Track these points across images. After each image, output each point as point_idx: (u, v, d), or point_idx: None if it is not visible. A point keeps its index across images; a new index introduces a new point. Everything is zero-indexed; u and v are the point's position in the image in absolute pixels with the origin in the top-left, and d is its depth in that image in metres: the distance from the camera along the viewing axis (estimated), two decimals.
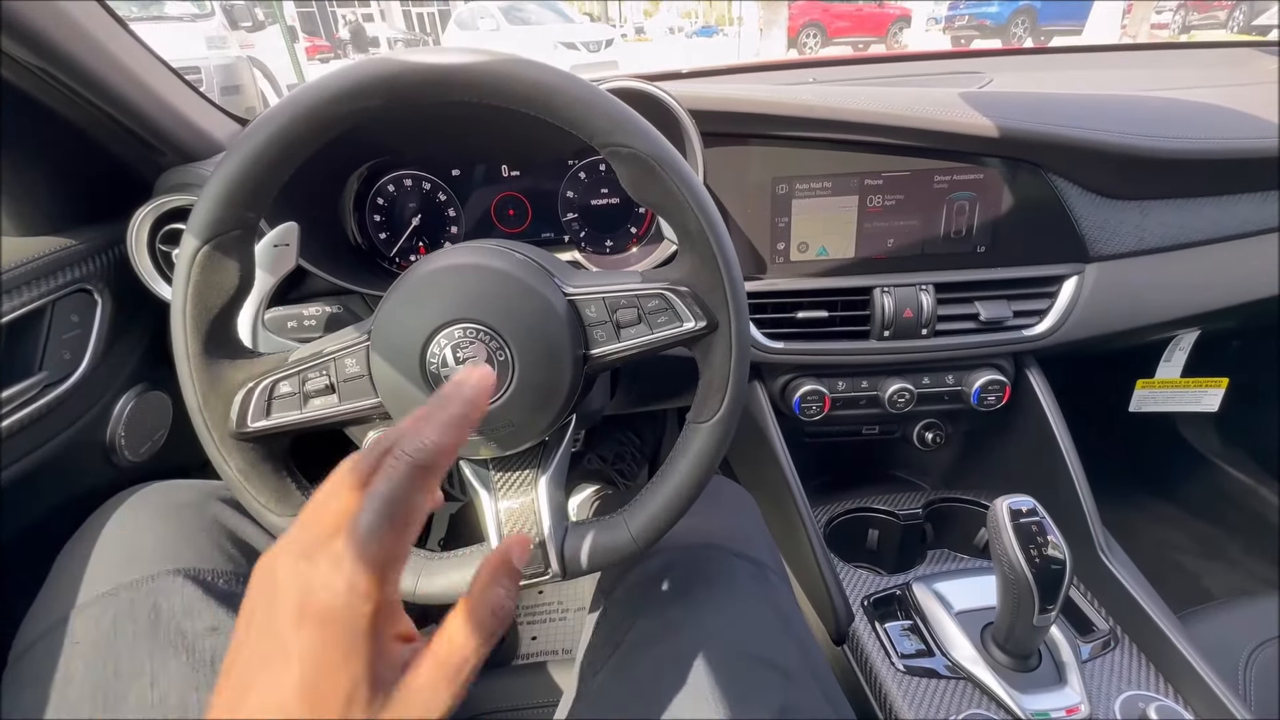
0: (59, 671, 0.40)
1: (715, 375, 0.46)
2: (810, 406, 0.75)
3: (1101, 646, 0.62)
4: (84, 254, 0.59)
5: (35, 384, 0.54)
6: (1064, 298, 0.73)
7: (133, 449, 0.65)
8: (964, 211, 0.71)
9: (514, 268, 0.45)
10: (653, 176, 0.42)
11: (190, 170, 0.63)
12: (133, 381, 0.66)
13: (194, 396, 0.43)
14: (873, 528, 0.80)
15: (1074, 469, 0.71)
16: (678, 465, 0.47)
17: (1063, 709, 0.54)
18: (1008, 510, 0.54)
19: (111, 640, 0.40)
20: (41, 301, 0.54)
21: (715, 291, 0.44)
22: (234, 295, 0.43)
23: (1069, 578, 0.52)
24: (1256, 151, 0.71)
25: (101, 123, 0.58)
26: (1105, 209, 0.72)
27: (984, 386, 0.74)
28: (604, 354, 0.46)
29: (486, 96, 0.40)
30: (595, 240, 0.77)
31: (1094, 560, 0.67)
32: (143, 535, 0.46)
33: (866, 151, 0.69)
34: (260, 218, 0.43)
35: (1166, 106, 0.78)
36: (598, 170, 0.74)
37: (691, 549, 0.54)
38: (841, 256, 0.72)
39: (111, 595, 0.42)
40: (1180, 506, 1.21)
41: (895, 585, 0.69)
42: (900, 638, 0.62)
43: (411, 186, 0.74)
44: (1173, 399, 0.96)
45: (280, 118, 0.40)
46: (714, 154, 0.68)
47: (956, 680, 0.58)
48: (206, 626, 0.42)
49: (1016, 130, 0.67)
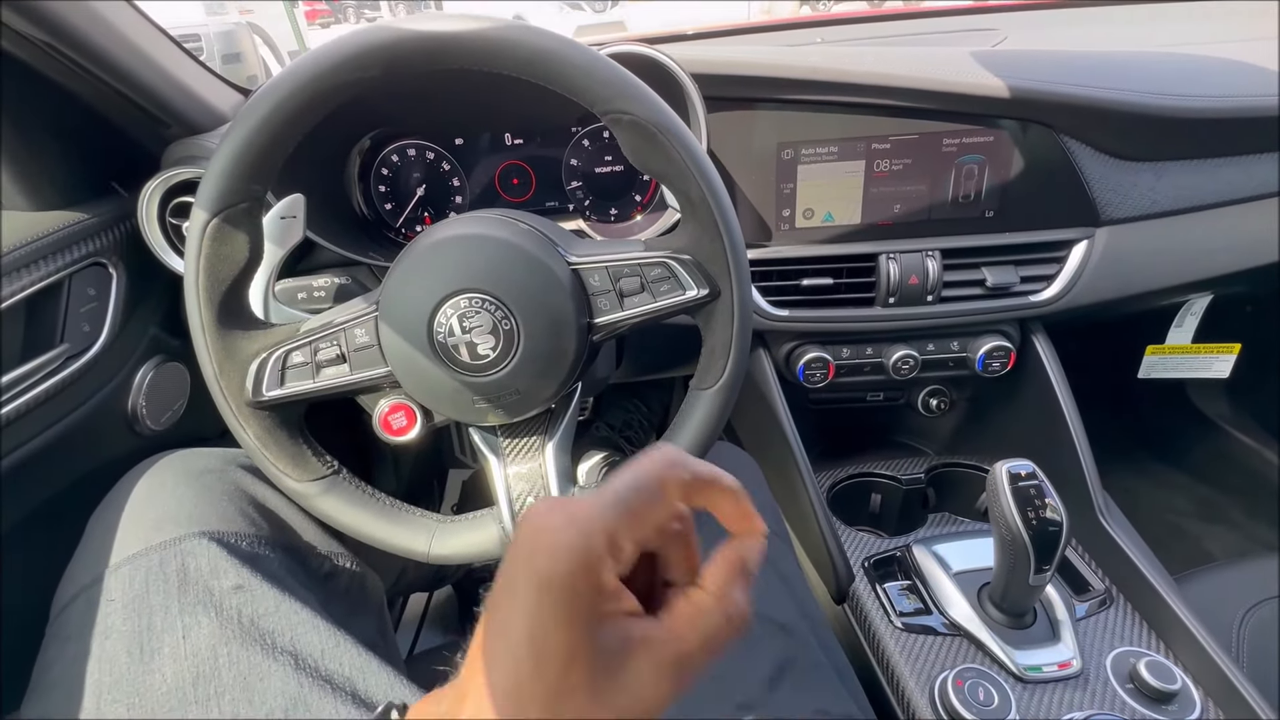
0: (97, 625, 0.42)
1: (718, 342, 0.46)
2: (814, 374, 0.75)
3: (1097, 605, 0.63)
4: (97, 228, 0.60)
5: (58, 356, 0.56)
6: (1072, 263, 0.72)
7: (154, 418, 0.67)
8: (972, 175, 0.70)
9: (518, 237, 0.45)
10: (654, 144, 0.42)
11: (196, 143, 0.64)
12: (151, 353, 0.67)
13: (210, 366, 0.45)
14: (875, 492, 0.82)
15: (1076, 434, 0.71)
16: (682, 431, 0.48)
17: (1055, 664, 0.56)
18: (1007, 474, 0.55)
19: (145, 597, 0.43)
20: (59, 275, 0.56)
21: (717, 259, 0.44)
22: (245, 267, 0.44)
23: (1065, 539, 0.53)
24: (1277, 109, 0.69)
25: (106, 96, 0.58)
26: (1118, 171, 0.70)
27: (989, 353, 0.74)
28: (608, 322, 0.47)
29: (485, 64, 0.40)
30: (600, 209, 0.77)
31: (1093, 523, 0.68)
32: (168, 500, 0.48)
33: (874, 114, 0.68)
34: (267, 190, 0.44)
35: (1185, 64, 0.76)
36: (601, 137, 0.73)
37: (695, 512, 0.55)
38: (847, 222, 0.72)
39: (142, 556, 0.44)
40: (1185, 471, 1.21)
41: (895, 547, 0.71)
42: (899, 597, 0.64)
43: (415, 156, 0.74)
44: (1183, 365, 0.95)
45: (281, 90, 0.40)
46: (718, 119, 0.67)
47: (953, 637, 0.60)
48: (232, 585, 0.44)
49: (1028, 90, 0.65)
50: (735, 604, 0.25)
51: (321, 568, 0.54)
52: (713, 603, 0.25)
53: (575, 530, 0.22)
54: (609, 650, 0.22)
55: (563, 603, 0.22)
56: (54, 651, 0.43)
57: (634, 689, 0.22)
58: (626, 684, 0.22)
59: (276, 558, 0.49)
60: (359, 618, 0.56)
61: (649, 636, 0.23)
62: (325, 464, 0.48)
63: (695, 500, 0.26)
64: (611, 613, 0.23)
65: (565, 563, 0.22)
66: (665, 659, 0.23)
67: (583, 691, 0.22)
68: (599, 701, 0.22)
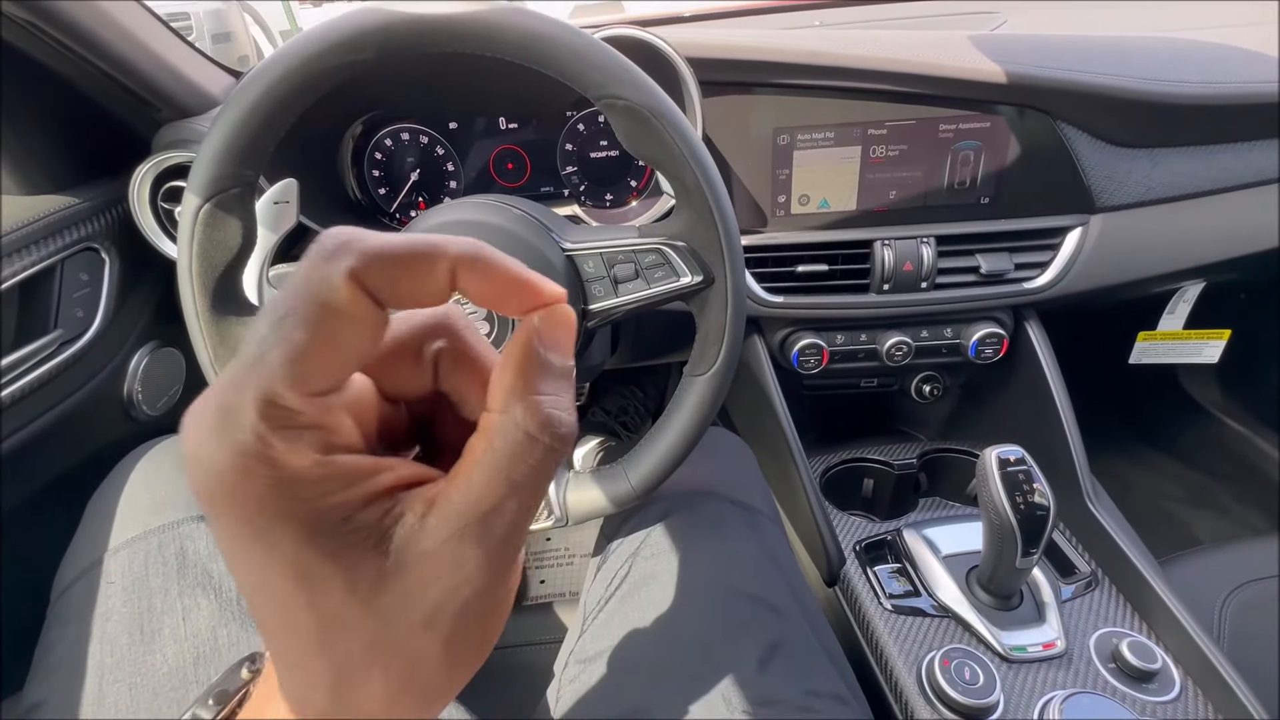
0: (98, 608, 0.43)
1: (712, 329, 0.47)
2: (809, 360, 0.76)
3: (1083, 588, 0.64)
4: (88, 212, 0.60)
5: (52, 341, 0.56)
6: (1066, 250, 0.72)
7: (150, 404, 0.67)
8: (968, 162, 0.70)
9: (511, 223, 0.45)
10: (647, 129, 0.42)
11: (186, 126, 0.63)
12: (146, 338, 0.67)
13: (205, 353, 0.45)
14: (868, 477, 0.83)
15: (1066, 420, 0.72)
16: (676, 416, 0.48)
17: (1039, 644, 0.57)
18: (996, 459, 0.55)
19: (144, 580, 0.43)
20: (51, 260, 0.56)
21: (711, 246, 0.44)
22: (238, 253, 0.44)
23: (1051, 523, 0.54)
24: (1276, 96, 0.69)
25: (94, 79, 0.57)
26: (1114, 158, 0.70)
27: (982, 339, 0.74)
28: (602, 309, 0.47)
29: (478, 47, 0.40)
30: (595, 194, 0.76)
31: (1081, 507, 0.69)
32: (165, 485, 0.49)
33: (870, 100, 0.68)
34: (259, 174, 0.43)
35: (1184, 49, 0.76)
36: (596, 122, 0.73)
37: (689, 496, 0.56)
38: (843, 209, 0.72)
39: (141, 539, 0.45)
40: (1176, 457, 1.22)
41: (886, 531, 0.72)
42: (889, 579, 0.65)
43: (409, 140, 0.73)
44: (1173, 351, 0.96)
45: (271, 73, 0.40)
46: (713, 104, 0.67)
47: (941, 619, 0.61)
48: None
49: (1026, 76, 0.65)
50: (536, 410, 0.17)
51: None
52: (503, 420, 0.17)
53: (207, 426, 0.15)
54: (367, 546, 0.16)
55: (247, 527, 0.15)
56: (56, 634, 0.44)
57: (433, 579, 0.16)
58: (421, 578, 0.16)
59: None
60: None
61: (432, 502, 0.17)
62: None
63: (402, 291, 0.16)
64: (350, 500, 0.16)
65: (213, 479, 0.15)
66: (459, 523, 0.16)
67: (361, 621, 0.16)
68: (392, 620, 0.16)
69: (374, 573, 0.16)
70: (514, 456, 0.17)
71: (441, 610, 0.16)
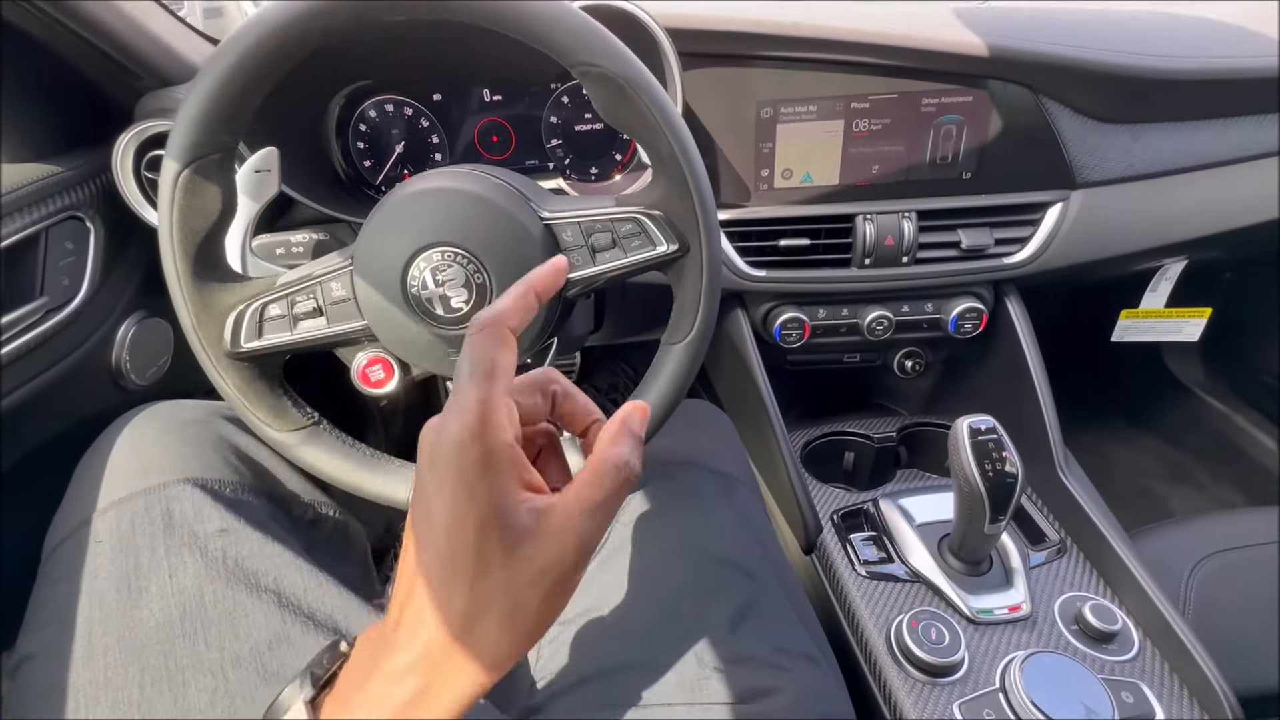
0: (87, 566, 0.44)
1: (687, 298, 0.47)
2: (791, 334, 0.77)
3: (1054, 554, 0.66)
4: (72, 181, 0.60)
5: (37, 309, 0.57)
6: (1046, 225, 0.73)
7: (139, 373, 0.68)
8: (950, 136, 0.70)
9: (490, 192, 0.46)
10: (623, 98, 0.42)
11: (168, 94, 0.63)
12: (133, 308, 0.68)
13: (188, 317, 0.45)
14: (848, 450, 0.84)
15: (1041, 392, 0.73)
16: (652, 385, 0.49)
17: (1005, 607, 0.59)
18: (968, 428, 0.57)
19: (131, 538, 0.44)
20: (36, 228, 0.56)
21: (687, 216, 0.45)
22: (218, 219, 0.44)
23: (1019, 490, 0.55)
24: (1256, 71, 0.69)
25: (75, 46, 0.57)
26: (1095, 133, 0.71)
27: (961, 314, 0.75)
28: (581, 278, 0.47)
29: (454, 14, 0.40)
30: (580, 167, 0.77)
31: (1052, 477, 0.71)
32: (152, 448, 0.49)
33: (854, 73, 0.68)
34: (237, 141, 0.44)
35: (1168, 23, 0.76)
36: (580, 95, 0.73)
37: (669, 465, 0.57)
38: (825, 183, 0.72)
39: (128, 500, 0.46)
40: (1157, 434, 1.24)
41: (864, 501, 0.73)
42: (863, 546, 0.67)
43: (394, 113, 0.73)
44: (1154, 329, 0.97)
45: (246, 39, 0.40)
46: (695, 76, 0.67)
47: (912, 584, 0.63)
48: (216, 529, 0.46)
49: (1008, 50, 0.65)
50: (624, 458, 0.29)
51: (305, 515, 0.56)
52: (606, 458, 0.29)
53: (459, 419, 0.26)
54: (525, 508, 0.26)
55: (463, 478, 0.25)
56: (46, 591, 0.45)
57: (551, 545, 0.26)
58: (543, 544, 0.26)
59: (260, 504, 0.51)
60: (343, 565, 0.58)
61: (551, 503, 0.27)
62: (306, 415, 0.50)
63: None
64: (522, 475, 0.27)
65: (454, 445, 0.26)
66: (580, 507, 0.27)
67: (501, 568, 0.25)
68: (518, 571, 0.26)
69: (519, 530, 0.26)
70: (610, 478, 0.28)
71: (546, 574, 0.26)
